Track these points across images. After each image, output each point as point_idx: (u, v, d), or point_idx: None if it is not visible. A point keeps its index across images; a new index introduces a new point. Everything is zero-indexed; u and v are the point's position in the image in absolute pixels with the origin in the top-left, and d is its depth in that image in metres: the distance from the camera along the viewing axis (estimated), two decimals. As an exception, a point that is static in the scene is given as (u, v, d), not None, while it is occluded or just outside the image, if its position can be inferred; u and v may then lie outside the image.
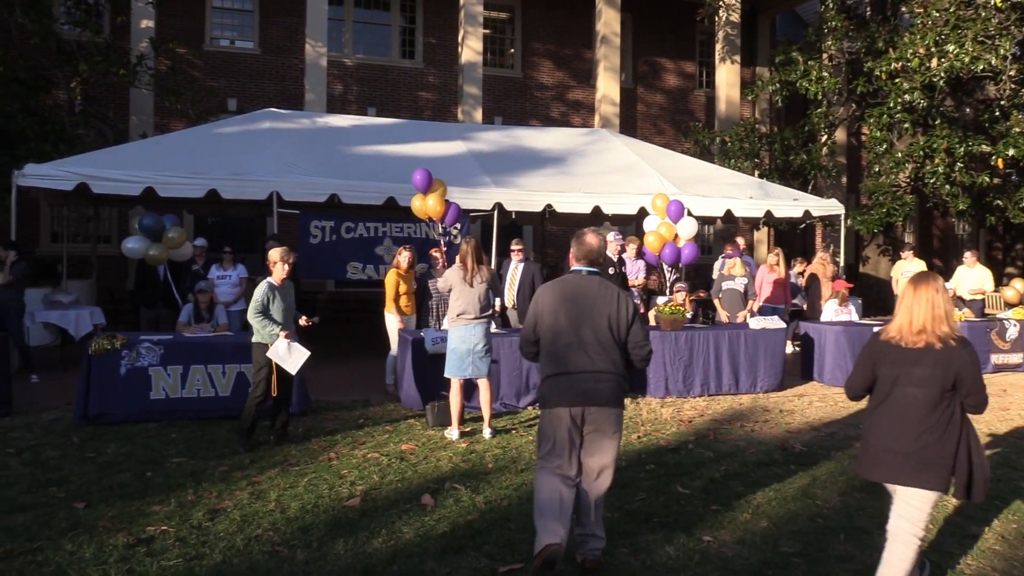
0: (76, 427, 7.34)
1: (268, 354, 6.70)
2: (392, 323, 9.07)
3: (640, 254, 11.09)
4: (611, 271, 10.10)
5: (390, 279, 9.10)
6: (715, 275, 12.50)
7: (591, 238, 4.52)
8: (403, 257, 9.15)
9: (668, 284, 11.21)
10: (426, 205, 9.48)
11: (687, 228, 10.62)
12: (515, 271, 9.94)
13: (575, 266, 4.56)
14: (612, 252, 10.65)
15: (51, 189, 10.29)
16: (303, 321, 7.10)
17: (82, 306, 10.91)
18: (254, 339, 6.77)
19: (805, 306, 13.31)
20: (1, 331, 8.50)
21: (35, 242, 16.62)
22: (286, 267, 6.84)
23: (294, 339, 6.83)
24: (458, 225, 10.17)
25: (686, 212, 10.75)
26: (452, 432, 7.16)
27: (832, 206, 13.48)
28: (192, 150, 11.27)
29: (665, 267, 11.09)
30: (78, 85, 14.07)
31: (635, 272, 11.13)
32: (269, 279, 6.84)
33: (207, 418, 7.71)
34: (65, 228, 14.16)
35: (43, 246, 16.81)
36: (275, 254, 6.87)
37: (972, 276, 13.00)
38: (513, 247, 9.98)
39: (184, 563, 4.33)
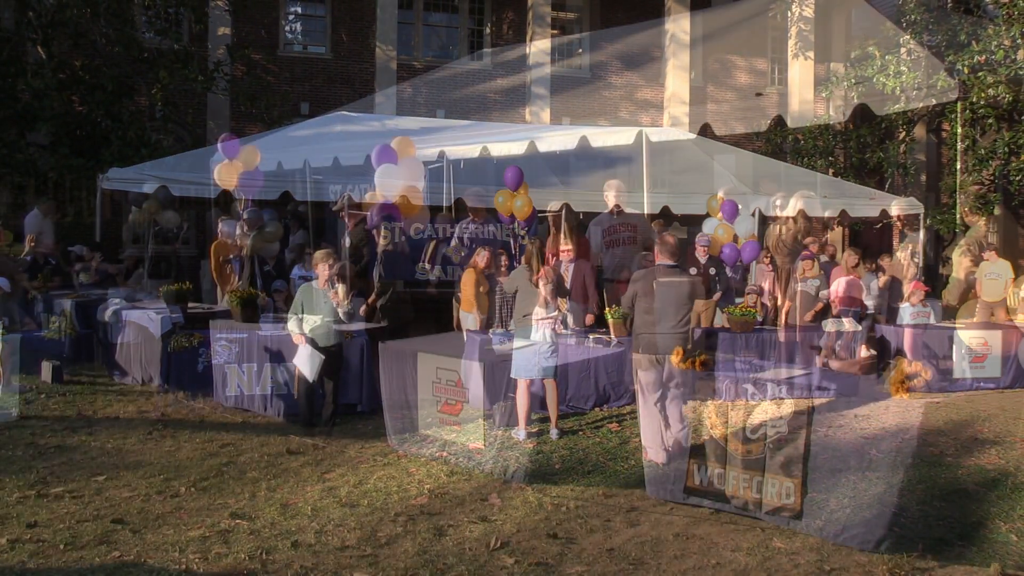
0: (156, 421, 7.59)
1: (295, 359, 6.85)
2: (471, 322, 9.07)
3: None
4: (692, 270, 9.82)
5: (469, 278, 9.07)
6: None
7: (670, 239, 6.47)
8: (481, 257, 9.17)
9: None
10: (512, 204, 9.49)
11: (745, 227, 10.43)
12: (565, 272, 9.76)
13: (659, 260, 6.42)
14: (699, 255, 10.30)
15: (133, 192, 10.67)
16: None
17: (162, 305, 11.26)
18: None
19: (875, 307, 12.86)
20: (86, 329, 8.87)
21: (118, 243, 17.25)
22: (326, 269, 6.83)
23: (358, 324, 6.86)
24: (525, 227, 10.17)
25: (756, 212, 10.53)
26: (519, 432, 7.17)
27: (910, 205, 13.06)
28: (267, 153, 11.53)
29: (727, 268, 10.83)
30: (159, 92, 14.55)
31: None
32: (312, 282, 6.91)
33: (280, 414, 7.86)
34: (146, 230, 14.62)
35: (125, 247, 17.42)
36: (316, 256, 6.90)
37: None
38: (562, 248, 9.80)
39: (257, 555, 4.44)
